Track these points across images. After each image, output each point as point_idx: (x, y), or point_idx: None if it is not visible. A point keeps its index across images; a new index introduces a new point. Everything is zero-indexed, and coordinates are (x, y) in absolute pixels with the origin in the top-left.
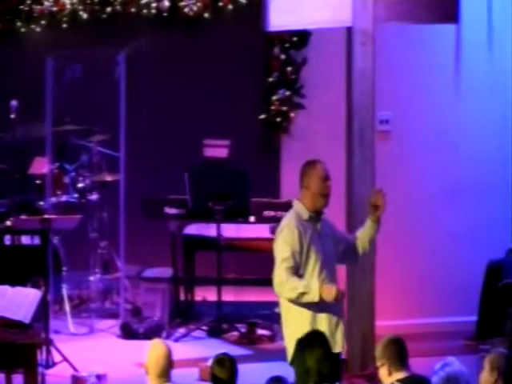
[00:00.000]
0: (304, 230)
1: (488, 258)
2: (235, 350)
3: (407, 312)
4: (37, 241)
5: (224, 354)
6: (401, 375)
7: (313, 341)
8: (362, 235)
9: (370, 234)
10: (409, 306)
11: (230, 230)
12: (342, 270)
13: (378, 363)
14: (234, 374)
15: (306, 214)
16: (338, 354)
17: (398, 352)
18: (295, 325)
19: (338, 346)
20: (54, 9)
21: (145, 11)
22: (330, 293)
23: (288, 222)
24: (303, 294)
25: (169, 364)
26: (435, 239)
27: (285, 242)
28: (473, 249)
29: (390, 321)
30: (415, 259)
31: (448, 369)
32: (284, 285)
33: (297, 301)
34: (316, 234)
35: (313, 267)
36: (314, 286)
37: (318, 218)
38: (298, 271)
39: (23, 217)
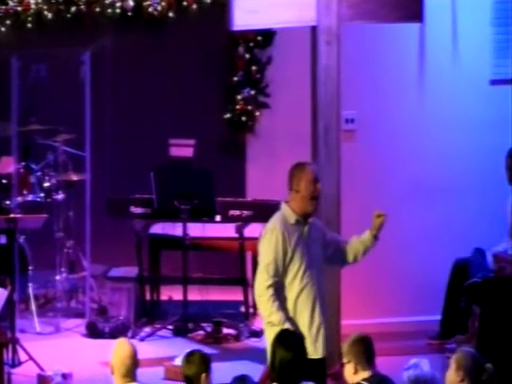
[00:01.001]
0: (289, 235)
1: (453, 258)
2: (201, 349)
3: (372, 311)
4: (3, 240)
5: (193, 350)
6: (366, 374)
7: (286, 341)
8: (357, 244)
9: (367, 246)
10: (374, 306)
11: (196, 230)
12: None
13: (345, 360)
14: (203, 368)
15: (292, 218)
16: (321, 360)
17: (365, 350)
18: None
19: (319, 352)
20: (19, 9)
21: (109, 11)
22: None
23: (273, 226)
24: (272, 323)
25: (134, 363)
26: (400, 238)
27: (268, 246)
28: (438, 248)
29: (355, 320)
30: (380, 258)
31: (417, 371)
32: (263, 303)
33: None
34: (302, 237)
35: (296, 271)
36: (279, 324)
37: (306, 222)
38: (279, 275)
39: None
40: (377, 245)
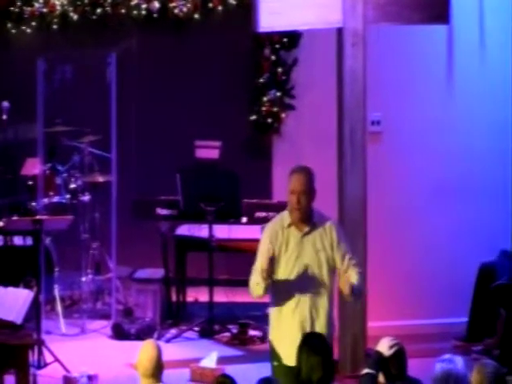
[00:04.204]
0: (282, 235)
1: (480, 259)
2: (226, 351)
3: (399, 313)
4: (29, 241)
5: (224, 375)
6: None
7: (314, 345)
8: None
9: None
10: (400, 308)
11: (222, 231)
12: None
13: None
14: None
15: (287, 221)
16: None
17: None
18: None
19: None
20: (45, 10)
21: (135, 12)
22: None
23: (269, 225)
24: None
25: (159, 365)
26: (427, 240)
27: (262, 243)
28: (465, 250)
29: (381, 322)
30: (407, 260)
31: (451, 365)
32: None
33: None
34: (296, 241)
35: (282, 273)
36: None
37: (304, 227)
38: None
39: (15, 218)
40: (400, 248)
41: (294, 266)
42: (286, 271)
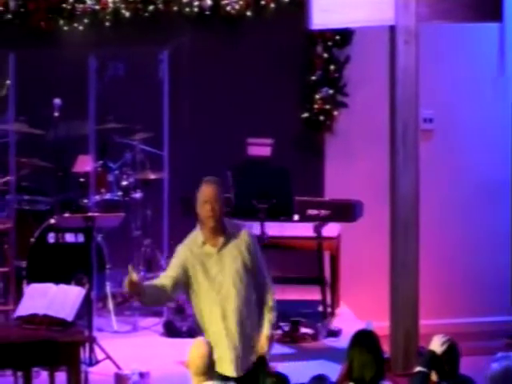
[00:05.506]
0: (197, 257)
1: None
2: (278, 349)
3: (451, 311)
4: (80, 239)
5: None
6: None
7: (366, 343)
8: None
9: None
10: (453, 305)
11: (274, 229)
12: (385, 267)
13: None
14: None
15: (200, 239)
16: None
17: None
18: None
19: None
20: (97, 7)
21: (187, 10)
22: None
23: (183, 244)
24: None
25: (210, 363)
26: (480, 238)
27: (176, 256)
28: None
29: (433, 320)
30: (459, 258)
31: (509, 361)
32: None
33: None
34: (214, 260)
35: (205, 295)
36: None
37: (218, 241)
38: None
39: (67, 215)
40: (453, 247)
41: (215, 284)
42: (210, 293)
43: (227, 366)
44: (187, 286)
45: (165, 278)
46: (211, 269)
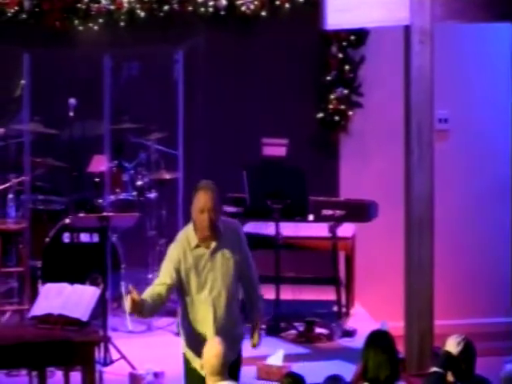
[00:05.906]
0: (189, 258)
1: None
2: (293, 349)
3: (465, 311)
4: (95, 238)
5: (290, 373)
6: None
7: (381, 343)
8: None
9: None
10: (467, 306)
11: (289, 229)
12: (400, 267)
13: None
14: None
15: (193, 241)
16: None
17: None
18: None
19: None
20: (112, 7)
21: (202, 9)
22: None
23: (175, 243)
24: None
25: (224, 363)
26: (494, 238)
27: (168, 259)
28: None
29: (448, 320)
30: (474, 258)
31: None
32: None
33: None
34: (206, 258)
35: (195, 292)
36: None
37: (212, 243)
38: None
39: (82, 215)
40: (467, 247)
41: (207, 284)
42: (201, 293)
43: None
44: (179, 286)
45: (160, 287)
46: (203, 269)
